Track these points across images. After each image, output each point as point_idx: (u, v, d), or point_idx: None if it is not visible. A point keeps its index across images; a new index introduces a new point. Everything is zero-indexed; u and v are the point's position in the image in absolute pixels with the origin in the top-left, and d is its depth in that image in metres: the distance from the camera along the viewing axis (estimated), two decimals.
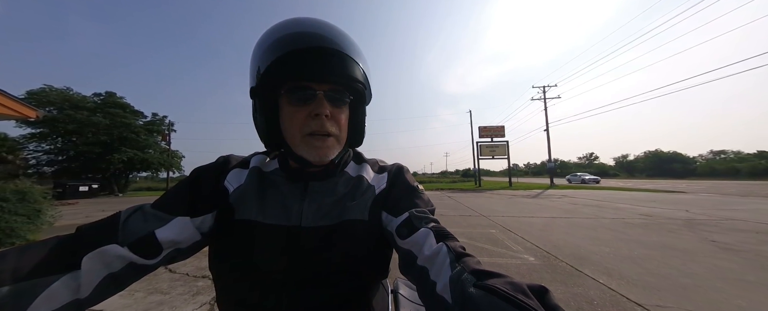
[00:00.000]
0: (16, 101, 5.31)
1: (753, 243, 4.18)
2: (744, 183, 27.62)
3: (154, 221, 0.43)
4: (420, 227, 0.46)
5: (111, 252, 0.39)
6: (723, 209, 8.10)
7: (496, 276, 0.33)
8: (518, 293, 0.29)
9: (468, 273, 0.35)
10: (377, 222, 0.53)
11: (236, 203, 0.50)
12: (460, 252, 0.41)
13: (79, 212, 9.58)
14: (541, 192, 16.37)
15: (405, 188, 0.56)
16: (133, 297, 2.48)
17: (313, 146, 0.48)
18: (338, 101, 0.50)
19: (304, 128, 0.48)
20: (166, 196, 0.48)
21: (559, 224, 5.90)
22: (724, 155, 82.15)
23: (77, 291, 0.36)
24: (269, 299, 0.47)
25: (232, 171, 0.54)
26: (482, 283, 0.32)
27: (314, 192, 0.52)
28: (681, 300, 2.38)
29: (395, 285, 0.93)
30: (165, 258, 0.44)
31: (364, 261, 0.51)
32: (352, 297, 0.51)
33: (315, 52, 0.47)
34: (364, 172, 0.59)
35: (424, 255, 0.43)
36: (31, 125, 20.22)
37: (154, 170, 26.28)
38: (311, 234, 0.48)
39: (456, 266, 0.38)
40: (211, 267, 0.51)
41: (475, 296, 0.31)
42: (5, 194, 4.81)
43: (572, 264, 3.33)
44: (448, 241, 0.43)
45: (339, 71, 0.47)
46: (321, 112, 0.47)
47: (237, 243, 0.48)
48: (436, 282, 0.38)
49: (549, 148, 24.55)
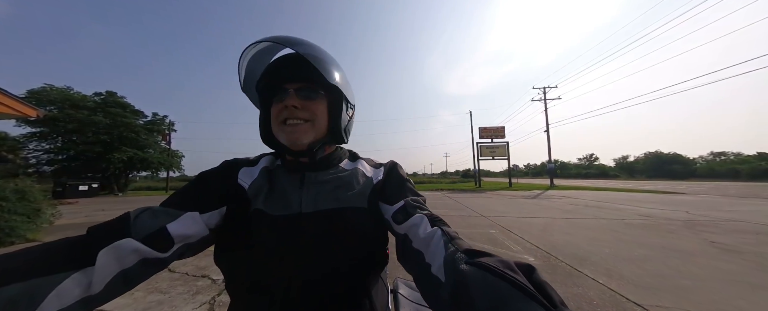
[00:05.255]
0: (16, 100, 5.31)
1: (753, 244, 4.18)
2: (744, 185, 27.59)
3: (164, 216, 0.45)
4: (415, 213, 0.51)
5: (126, 246, 0.40)
6: (723, 210, 8.10)
7: (487, 254, 0.36)
8: (507, 269, 0.32)
9: (461, 253, 0.38)
10: (376, 211, 0.57)
11: (253, 196, 0.54)
12: (453, 236, 0.44)
13: (79, 211, 9.58)
14: (541, 193, 16.36)
15: (399, 180, 0.62)
16: (132, 297, 2.48)
17: (285, 131, 0.54)
18: (309, 95, 0.55)
19: (279, 117, 0.55)
20: (174, 195, 0.51)
21: (558, 225, 5.90)
22: (724, 157, 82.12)
23: (89, 287, 0.36)
24: (276, 284, 0.49)
25: (242, 170, 0.58)
26: (473, 260, 0.35)
27: (311, 182, 0.57)
28: (680, 300, 2.38)
29: (395, 285, 0.93)
30: (176, 252, 0.46)
31: (363, 246, 0.54)
32: (353, 284, 0.53)
33: (287, 59, 0.56)
34: (359, 166, 0.64)
35: (419, 238, 0.46)
36: (32, 124, 20.23)
37: (154, 170, 26.22)
38: (312, 219, 0.52)
39: (450, 247, 0.41)
40: (220, 259, 0.53)
41: (467, 272, 0.34)
42: (5, 193, 4.80)
43: (572, 264, 3.33)
44: (442, 226, 0.47)
45: (306, 72, 0.54)
46: (289, 103, 0.53)
47: (245, 236, 0.51)
48: (431, 264, 0.41)
49: (549, 149, 24.53)
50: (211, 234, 0.51)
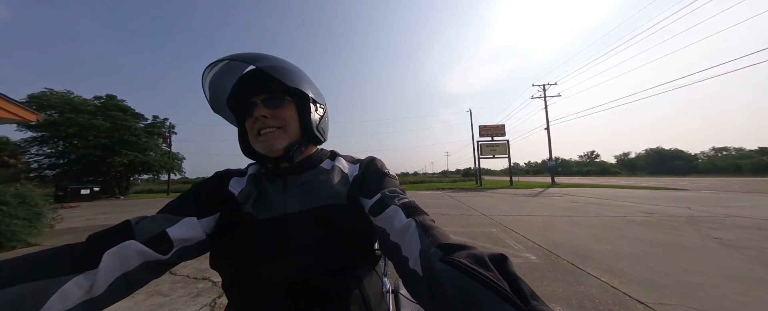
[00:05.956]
0: (16, 105, 5.31)
1: (756, 240, 4.16)
2: (746, 180, 27.49)
3: (164, 222, 0.48)
4: (390, 205, 0.51)
5: (130, 247, 0.42)
6: (725, 206, 8.07)
7: (461, 248, 0.36)
8: (477, 265, 0.32)
9: (435, 247, 0.38)
10: (356, 205, 0.58)
11: (243, 202, 0.56)
12: (428, 226, 0.44)
13: (80, 215, 9.60)
14: (542, 191, 16.35)
15: (376, 174, 0.63)
16: (133, 300, 2.48)
17: (260, 140, 0.58)
18: (275, 104, 0.58)
19: (253, 130, 0.58)
20: (172, 203, 0.54)
21: (560, 223, 5.89)
22: (725, 152, 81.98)
23: (90, 290, 0.37)
24: (269, 284, 0.51)
25: (233, 179, 0.62)
26: (447, 257, 0.35)
27: (293, 185, 0.59)
28: (684, 297, 2.37)
29: (396, 285, 0.92)
30: (175, 254, 0.47)
31: (350, 242, 0.54)
32: (344, 279, 0.53)
33: (251, 74, 0.60)
34: (338, 163, 0.66)
35: (394, 229, 0.46)
36: (32, 128, 20.29)
37: (155, 173, 26.30)
38: (296, 218, 0.54)
39: (425, 239, 0.41)
40: (214, 264, 0.54)
41: (439, 271, 0.34)
42: (5, 197, 4.81)
43: (574, 262, 3.32)
44: (417, 216, 0.47)
45: (269, 83, 0.57)
46: (258, 115, 0.57)
47: (236, 240, 0.53)
48: (408, 257, 0.41)
49: (550, 146, 24.49)
50: (207, 239, 0.53)
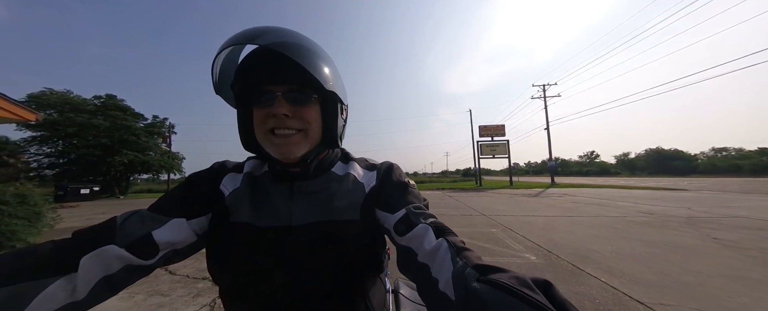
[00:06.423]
0: (15, 104, 5.31)
1: (756, 240, 4.16)
2: (746, 180, 27.50)
3: (150, 222, 0.45)
4: (418, 224, 0.46)
5: (109, 252, 0.40)
6: (725, 206, 8.08)
7: (500, 271, 0.32)
8: (524, 287, 0.28)
9: (471, 268, 0.34)
10: (370, 220, 0.54)
11: (232, 206, 0.51)
12: (460, 247, 0.40)
13: (80, 214, 9.59)
14: (542, 191, 16.35)
15: (397, 185, 0.56)
16: (132, 300, 2.48)
17: (274, 142, 0.48)
18: (300, 99, 0.48)
19: (265, 126, 0.48)
20: (162, 199, 0.50)
21: (560, 223, 5.88)
22: (725, 153, 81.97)
23: (73, 293, 0.37)
24: (266, 296, 0.48)
25: (228, 176, 0.55)
26: (487, 278, 0.31)
27: (301, 192, 0.53)
28: (684, 298, 2.36)
29: (396, 285, 0.92)
30: (161, 258, 0.45)
31: (357, 257, 0.51)
32: (347, 291, 0.51)
33: (269, 56, 0.47)
34: (352, 170, 0.59)
35: (424, 251, 0.42)
36: (32, 128, 20.27)
37: (155, 172, 26.30)
38: (302, 231, 0.49)
39: (458, 261, 0.37)
40: (210, 269, 0.52)
41: (481, 291, 0.30)
42: (5, 197, 4.80)
43: (574, 262, 3.32)
44: (448, 236, 0.42)
45: (295, 72, 0.46)
46: (278, 112, 0.46)
47: (232, 245, 0.49)
48: (439, 280, 0.37)
49: (550, 146, 24.50)
50: (199, 240, 0.50)
